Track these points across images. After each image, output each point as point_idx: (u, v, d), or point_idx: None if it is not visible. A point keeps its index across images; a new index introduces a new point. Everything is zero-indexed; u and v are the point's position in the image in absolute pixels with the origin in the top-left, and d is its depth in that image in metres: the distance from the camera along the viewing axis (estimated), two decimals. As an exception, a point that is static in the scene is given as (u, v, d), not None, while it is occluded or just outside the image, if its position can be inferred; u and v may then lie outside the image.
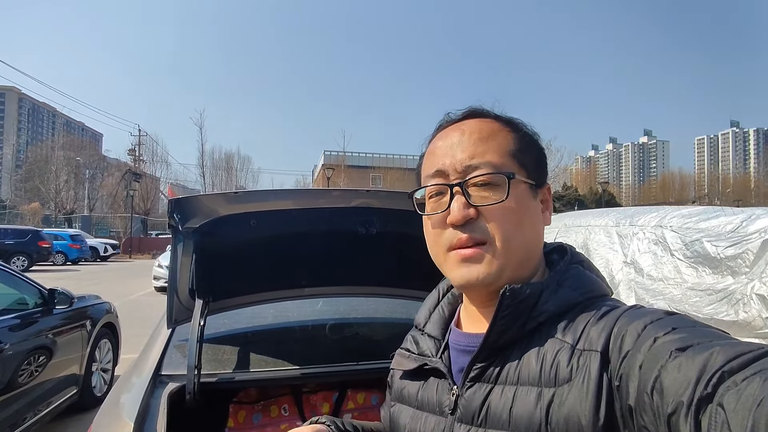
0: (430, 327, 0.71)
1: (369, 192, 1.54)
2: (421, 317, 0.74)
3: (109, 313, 4.24)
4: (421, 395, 0.66)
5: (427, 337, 0.70)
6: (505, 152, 0.59)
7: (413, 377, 0.69)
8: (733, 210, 2.85)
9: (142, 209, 35.50)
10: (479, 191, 0.58)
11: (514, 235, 0.57)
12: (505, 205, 0.57)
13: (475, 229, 0.57)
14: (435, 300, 0.74)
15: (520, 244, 0.58)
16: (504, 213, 0.57)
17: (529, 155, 0.61)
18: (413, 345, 0.71)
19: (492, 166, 0.58)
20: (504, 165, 0.58)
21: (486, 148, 0.59)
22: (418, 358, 0.68)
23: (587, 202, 36.97)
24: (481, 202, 0.57)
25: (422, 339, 0.70)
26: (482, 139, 0.60)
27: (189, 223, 1.47)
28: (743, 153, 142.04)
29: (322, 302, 2.35)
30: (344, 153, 38.67)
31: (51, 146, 44.20)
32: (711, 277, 2.63)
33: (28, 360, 2.98)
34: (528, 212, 0.59)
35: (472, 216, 0.57)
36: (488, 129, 0.61)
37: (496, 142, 0.60)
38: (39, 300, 3.37)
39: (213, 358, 1.81)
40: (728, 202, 44.62)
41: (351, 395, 2.02)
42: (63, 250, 19.10)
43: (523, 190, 0.59)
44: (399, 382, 0.72)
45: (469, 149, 0.59)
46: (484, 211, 0.57)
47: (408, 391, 0.69)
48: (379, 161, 42.40)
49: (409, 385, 0.69)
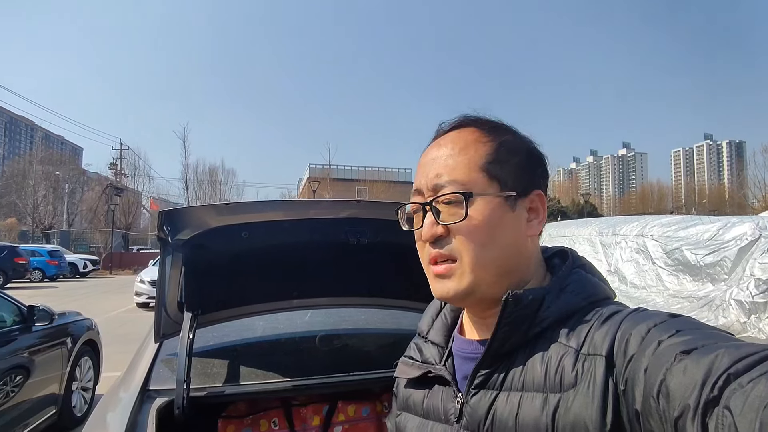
0: (433, 334, 0.70)
1: (360, 203, 1.56)
2: (424, 325, 0.73)
3: (90, 330, 4.13)
4: (426, 403, 0.65)
5: (431, 344, 0.69)
6: (474, 166, 0.59)
7: (418, 385, 0.68)
8: (710, 218, 2.96)
9: (123, 224, 34.75)
10: (448, 209, 0.58)
11: (482, 252, 0.57)
12: (471, 222, 0.57)
13: (444, 246, 0.58)
14: (437, 307, 0.74)
15: (492, 258, 0.57)
16: (470, 230, 0.57)
17: (508, 164, 0.60)
18: (417, 353, 0.71)
19: (456, 184, 0.58)
20: (470, 181, 0.58)
21: (455, 163, 0.59)
22: (422, 365, 0.68)
23: (570, 213, 37.60)
24: (449, 220, 0.58)
25: (426, 346, 0.70)
26: (453, 154, 0.60)
27: (179, 235, 1.46)
28: (717, 164, 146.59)
29: (312, 313, 2.34)
30: (330, 166, 38.71)
31: (29, 160, 43.08)
32: (692, 284, 2.71)
33: (5, 380, 2.87)
34: (500, 226, 0.58)
35: (441, 233, 0.58)
36: (463, 142, 0.61)
37: (467, 156, 0.59)
38: (17, 317, 3.27)
39: (202, 371, 1.78)
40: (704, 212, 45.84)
41: (342, 407, 2.00)
42: (41, 267, 18.51)
43: (494, 205, 0.58)
44: (404, 390, 0.71)
45: (439, 167, 0.60)
46: (452, 229, 0.58)
47: (413, 400, 0.68)
48: (365, 174, 42.56)
49: (415, 394, 0.68)
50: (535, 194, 0.61)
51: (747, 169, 48.31)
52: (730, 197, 56.54)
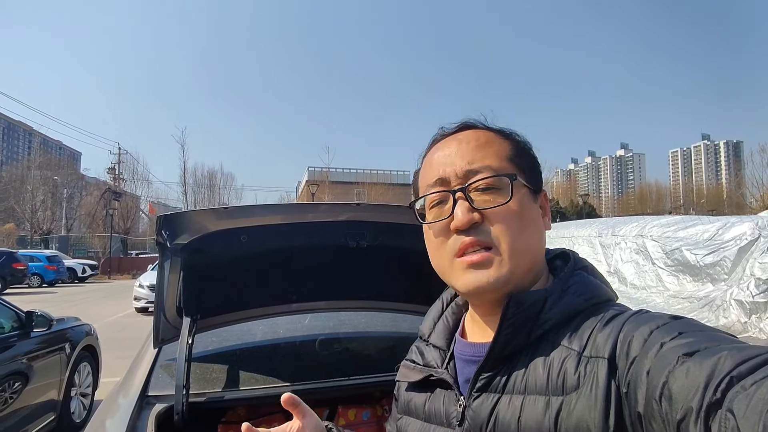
0: (434, 337, 0.70)
1: (359, 206, 1.55)
2: (425, 328, 0.73)
3: (89, 335, 4.12)
4: (428, 407, 0.65)
5: (432, 347, 0.69)
6: (503, 157, 0.60)
7: (419, 389, 0.68)
8: (709, 218, 2.95)
9: (121, 228, 34.74)
10: (482, 195, 0.58)
11: (520, 239, 0.57)
12: (510, 207, 0.57)
13: (480, 233, 0.57)
14: (439, 310, 0.74)
15: (525, 247, 0.57)
16: (508, 216, 0.57)
17: (525, 161, 0.62)
18: (418, 356, 0.70)
19: (493, 170, 0.58)
20: (504, 168, 0.59)
21: (484, 153, 0.60)
22: (423, 369, 0.67)
23: (569, 214, 37.65)
24: (484, 206, 0.57)
25: (427, 350, 0.70)
26: (480, 146, 0.61)
27: (178, 240, 1.46)
28: (715, 164, 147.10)
29: (311, 317, 2.33)
30: (328, 169, 38.75)
31: (27, 165, 43.07)
32: (692, 284, 2.70)
33: (3, 386, 2.86)
34: (530, 216, 0.59)
35: (477, 220, 0.57)
36: (484, 137, 0.62)
37: (493, 148, 0.61)
38: (15, 323, 3.25)
39: (201, 377, 1.77)
40: (703, 212, 45.93)
41: (342, 412, 1.99)
42: (39, 272, 18.50)
43: (525, 194, 0.59)
44: (405, 394, 0.71)
45: (468, 155, 0.60)
46: (489, 215, 0.57)
47: (415, 404, 0.68)
48: (363, 177, 42.62)
49: (416, 397, 0.68)
50: (543, 193, 0.64)
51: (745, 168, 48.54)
52: (728, 197, 56.65)
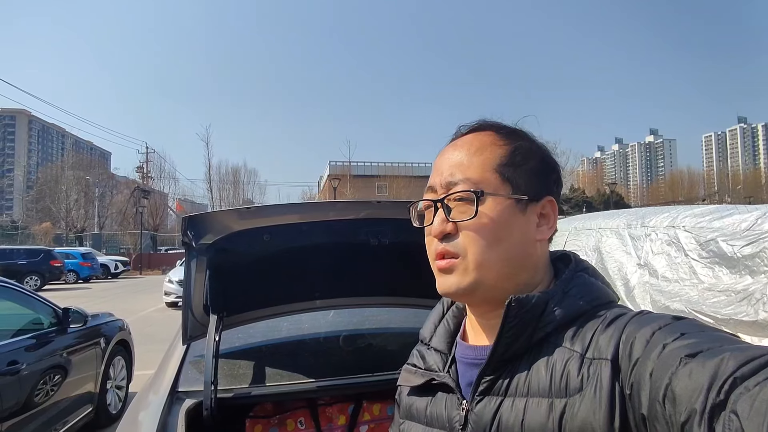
0: (435, 341, 0.70)
1: (380, 203, 1.55)
2: (426, 331, 0.73)
3: (122, 330, 4.27)
4: (429, 411, 0.65)
5: (434, 351, 0.69)
6: (490, 167, 0.60)
7: (421, 393, 0.67)
8: (746, 207, 2.81)
9: (151, 225, 35.86)
10: (458, 206, 0.59)
11: (487, 250, 0.57)
12: (480, 221, 0.57)
13: (451, 242, 0.59)
14: (440, 313, 0.74)
15: (496, 258, 0.57)
16: (478, 229, 0.57)
17: (522, 168, 0.60)
18: (419, 360, 0.70)
19: (469, 183, 0.59)
20: (483, 181, 0.59)
21: (470, 164, 0.60)
22: (425, 373, 0.67)
23: (595, 204, 36.73)
24: (458, 218, 0.59)
25: (428, 353, 0.70)
26: (469, 155, 0.61)
27: (203, 240, 1.48)
28: (752, 149, 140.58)
29: (335, 313, 2.35)
30: (349, 163, 38.87)
31: (61, 166, 44.96)
32: (729, 277, 2.59)
33: (44, 379, 3.00)
34: (508, 228, 0.58)
35: (450, 230, 0.59)
36: (479, 144, 0.62)
37: (481, 157, 0.60)
38: (53, 320, 3.39)
39: (228, 373, 1.81)
40: (739, 199, 44.10)
41: (367, 406, 2.01)
42: (74, 269, 19.27)
43: (504, 206, 0.58)
44: (407, 398, 0.70)
45: (454, 166, 0.61)
46: (461, 226, 0.58)
47: (416, 408, 0.67)
48: (385, 170, 42.48)
49: (418, 402, 0.67)
50: (546, 200, 0.62)
51: (785, 152, 46.05)
52: (766, 182, 54.12)
